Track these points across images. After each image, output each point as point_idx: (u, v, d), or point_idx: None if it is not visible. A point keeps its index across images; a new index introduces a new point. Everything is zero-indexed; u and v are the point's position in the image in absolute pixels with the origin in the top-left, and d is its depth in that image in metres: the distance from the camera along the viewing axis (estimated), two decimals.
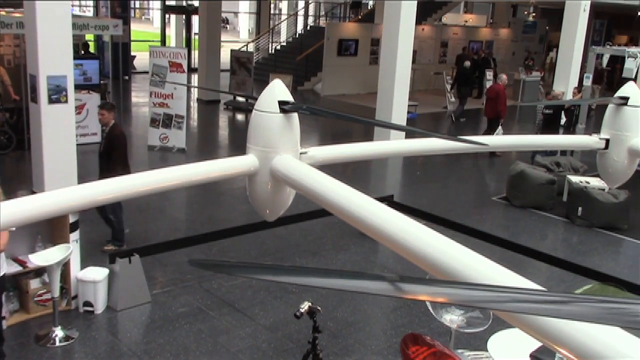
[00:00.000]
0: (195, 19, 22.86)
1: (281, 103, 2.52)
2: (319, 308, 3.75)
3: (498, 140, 3.12)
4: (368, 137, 13.76)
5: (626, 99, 3.28)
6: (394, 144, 2.78)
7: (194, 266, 1.39)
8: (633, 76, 11.80)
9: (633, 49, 12.36)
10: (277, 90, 2.56)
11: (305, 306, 3.64)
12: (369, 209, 2.04)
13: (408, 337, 4.56)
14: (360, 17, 26.27)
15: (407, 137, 9.96)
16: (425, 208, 9.09)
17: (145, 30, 34.76)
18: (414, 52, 21.05)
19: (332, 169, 9.53)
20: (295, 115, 2.57)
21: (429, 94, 22.00)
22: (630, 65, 11.57)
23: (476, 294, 1.28)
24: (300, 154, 2.58)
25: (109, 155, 7.30)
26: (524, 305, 1.24)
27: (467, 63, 19.02)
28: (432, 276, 1.97)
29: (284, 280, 1.43)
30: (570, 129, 12.79)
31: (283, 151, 2.49)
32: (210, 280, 6.96)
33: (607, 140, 3.35)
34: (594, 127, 14.87)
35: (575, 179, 10.28)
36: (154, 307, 6.33)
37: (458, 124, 17.84)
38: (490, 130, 13.77)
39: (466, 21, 28.30)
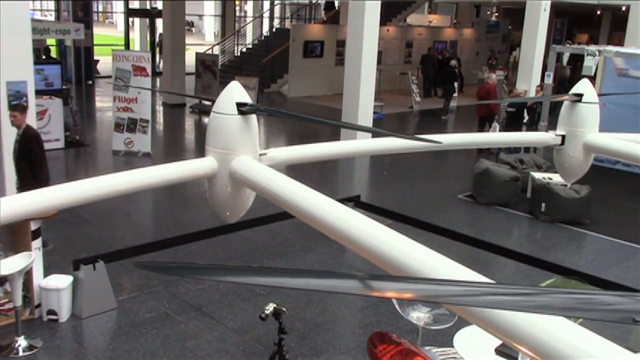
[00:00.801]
0: (159, 22, 22.68)
1: (239, 105, 2.52)
2: (284, 309, 3.75)
3: (455, 138, 3.17)
4: (335, 137, 13.80)
5: (580, 95, 3.36)
6: (353, 144, 2.80)
7: (140, 268, 1.37)
8: (592, 74, 12.06)
9: (592, 48, 12.62)
10: (235, 92, 2.56)
11: (270, 308, 3.64)
12: (328, 210, 2.05)
13: (375, 335, 4.58)
14: (325, 18, 26.35)
15: (374, 137, 10.00)
16: (392, 207, 9.16)
17: (109, 34, 34.36)
18: (380, 52, 21.18)
19: (300, 169, 9.56)
20: (253, 116, 2.57)
21: (394, 94, 22.16)
22: (589, 63, 11.82)
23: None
24: (260, 155, 2.58)
25: (27, 157, 7.12)
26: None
27: (453, 62, 20.73)
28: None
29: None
30: (533, 126, 13.00)
31: (242, 153, 2.49)
32: (177, 285, 6.91)
33: (563, 137, 3.42)
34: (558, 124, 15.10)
35: (538, 175, 10.46)
36: (120, 314, 6.26)
37: (441, 121, 18.37)
38: (481, 128, 13.94)
39: (430, 22, 28.57)
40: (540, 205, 9.87)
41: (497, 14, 28.70)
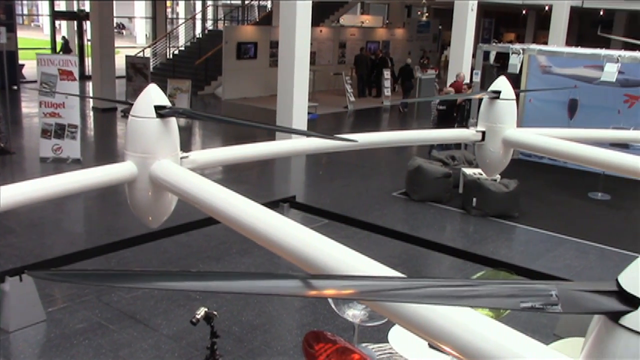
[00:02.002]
0: (87, 25, 22.07)
1: (157, 108, 2.48)
2: (215, 313, 3.72)
3: (377, 137, 3.21)
4: (272, 137, 13.78)
5: (498, 92, 3.46)
6: (275, 145, 2.80)
7: (33, 277, 1.29)
8: (517, 71, 12.45)
9: (516, 46, 13.00)
10: (153, 95, 2.52)
11: (201, 312, 3.60)
12: (247, 212, 2.05)
13: (309, 335, 4.59)
14: (258, 19, 26.27)
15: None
16: (328, 207, 9.21)
17: (34, 37, 33.24)
18: (313, 53, 21.29)
19: (237, 171, 9.51)
20: (173, 119, 2.54)
21: (329, 94, 22.30)
22: (514, 61, 12.18)
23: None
24: (181, 158, 2.55)
25: None
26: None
27: (409, 61, 22.40)
28: None
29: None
30: (463, 123, 13.30)
31: (162, 156, 2.45)
32: (110, 294, 6.75)
33: (483, 133, 3.52)
34: None
35: (469, 171, 10.72)
36: (50, 326, 6.07)
37: (404, 116, 19.52)
38: (452, 124, 14.09)
39: (363, 22, 28.90)
40: (471, 200, 10.12)
41: (427, 14, 29.30)
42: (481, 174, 10.43)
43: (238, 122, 2.49)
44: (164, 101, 2.52)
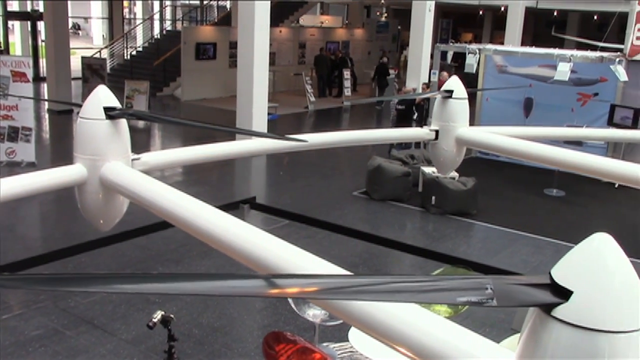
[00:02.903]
0: (41, 25, 21.60)
1: (107, 109, 2.46)
2: (172, 316, 3.69)
3: (329, 137, 3.23)
4: (233, 138, 13.70)
5: (451, 92, 3.51)
6: (227, 146, 2.79)
7: None
8: (474, 71, 12.66)
9: (473, 46, 13.22)
10: (102, 96, 2.49)
11: (157, 316, 3.56)
12: (200, 214, 2.04)
13: (269, 336, 4.58)
14: (217, 20, 26.10)
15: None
16: (289, 207, 9.21)
17: None
18: (273, 54, 21.28)
19: (197, 173, 9.43)
20: (123, 121, 2.51)
21: (289, 94, 22.29)
22: (470, 61, 12.38)
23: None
24: (133, 160, 2.52)
25: None
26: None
27: (385, 59, 22.98)
28: None
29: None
30: (422, 122, 13.46)
31: (112, 158, 2.43)
32: (67, 299, 6.62)
33: (437, 132, 3.57)
34: None
35: (428, 170, 10.84)
36: (4, 333, 5.92)
37: (380, 112, 19.95)
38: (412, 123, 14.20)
39: (322, 22, 28.98)
40: (430, 199, 10.24)
41: (386, 14, 29.53)
42: None
43: (187, 123, 2.49)
44: (114, 102, 2.49)
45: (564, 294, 1.06)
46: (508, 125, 4.16)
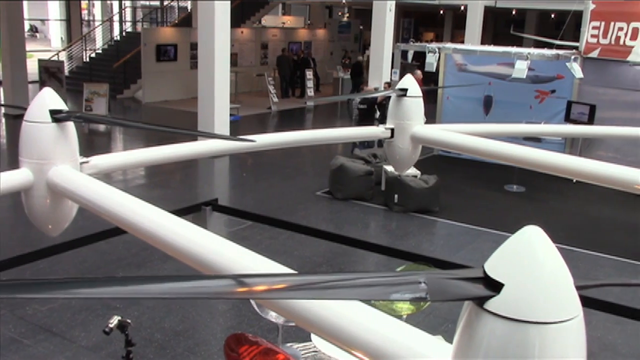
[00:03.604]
0: None
1: (53, 112, 2.41)
2: (129, 321, 3.63)
3: (282, 137, 3.23)
4: (195, 139, 13.58)
5: (405, 90, 3.54)
6: (180, 148, 2.76)
7: None
8: (434, 70, 12.77)
9: (433, 45, 13.35)
10: (48, 98, 2.44)
11: (114, 321, 3.50)
12: (150, 218, 2.01)
13: (230, 338, 4.55)
14: (177, 21, 25.86)
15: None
16: (252, 208, 9.17)
17: None
18: (235, 54, 21.19)
19: (158, 176, 9.29)
20: (70, 124, 2.47)
21: (252, 95, 22.21)
22: (430, 60, 12.49)
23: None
24: (81, 163, 2.48)
25: None
26: (333, 283, 1.19)
27: (360, 58, 23.47)
28: None
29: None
30: (384, 121, 13.53)
31: (60, 162, 2.38)
32: (24, 307, 6.49)
33: (392, 130, 3.59)
34: None
35: (390, 168, 10.89)
36: None
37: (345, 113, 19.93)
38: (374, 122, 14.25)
39: (284, 23, 28.94)
40: (393, 197, 10.31)
41: (348, 14, 29.62)
42: None
43: (132, 125, 2.47)
44: (60, 105, 2.44)
45: (497, 287, 1.08)
46: (468, 123, 4.21)
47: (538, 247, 1.11)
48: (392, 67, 15.53)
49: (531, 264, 1.08)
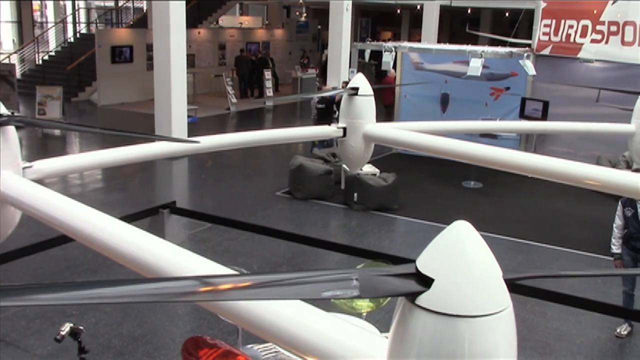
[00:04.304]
0: None
1: None
2: (82, 328, 3.57)
3: (229, 138, 3.21)
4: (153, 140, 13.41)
5: (357, 89, 3.55)
6: (124, 151, 2.72)
7: None
8: (390, 68, 12.88)
9: (389, 44, 13.45)
10: None
11: (66, 328, 3.44)
12: (92, 222, 1.98)
13: (188, 342, 4.50)
14: (132, 22, 25.49)
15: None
16: (211, 210, 9.10)
17: None
18: (192, 55, 21.00)
19: (115, 179, 9.12)
20: (11, 128, 2.41)
21: (211, 96, 22.03)
22: (387, 59, 12.60)
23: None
24: (24, 168, 2.42)
25: None
26: (269, 283, 1.19)
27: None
28: None
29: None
30: None
31: (1, 167, 2.32)
32: None
33: (344, 129, 3.61)
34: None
35: None
36: None
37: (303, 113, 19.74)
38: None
39: (242, 23, 28.79)
40: (353, 196, 10.35)
41: (306, 14, 29.60)
42: (361, 170, 10.69)
43: (77, 129, 2.43)
44: (0, 109, 2.38)
45: (427, 282, 1.09)
46: (425, 121, 4.25)
47: (467, 241, 1.12)
48: (349, 67, 15.59)
49: (460, 258, 1.09)
